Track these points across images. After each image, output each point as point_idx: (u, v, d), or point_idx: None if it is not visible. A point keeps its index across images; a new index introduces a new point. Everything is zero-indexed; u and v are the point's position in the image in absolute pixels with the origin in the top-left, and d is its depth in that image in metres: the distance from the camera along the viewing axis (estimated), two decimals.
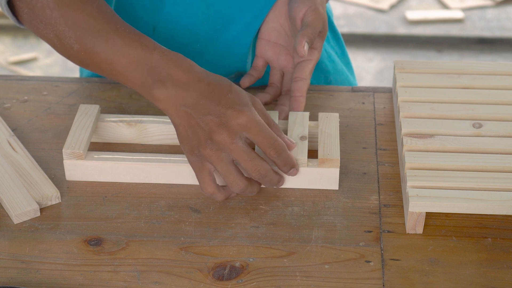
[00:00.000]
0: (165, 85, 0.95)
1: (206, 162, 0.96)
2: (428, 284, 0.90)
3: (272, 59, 1.16)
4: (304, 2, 1.09)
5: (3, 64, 3.14)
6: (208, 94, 0.95)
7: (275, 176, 0.98)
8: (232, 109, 0.94)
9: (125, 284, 0.90)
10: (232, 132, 0.94)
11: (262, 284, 0.90)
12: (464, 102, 1.09)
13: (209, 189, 0.97)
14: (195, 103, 0.95)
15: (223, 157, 0.95)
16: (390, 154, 1.08)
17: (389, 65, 3.17)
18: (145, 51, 0.96)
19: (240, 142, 0.95)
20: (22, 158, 1.05)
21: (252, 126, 0.95)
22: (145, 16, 1.15)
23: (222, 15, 1.16)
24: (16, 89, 1.19)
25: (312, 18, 1.08)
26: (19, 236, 0.96)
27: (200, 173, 0.97)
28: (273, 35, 1.16)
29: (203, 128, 0.95)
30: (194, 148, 0.96)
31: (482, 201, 0.94)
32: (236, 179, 0.96)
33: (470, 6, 3.52)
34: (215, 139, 0.94)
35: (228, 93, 0.95)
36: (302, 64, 1.11)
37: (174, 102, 0.95)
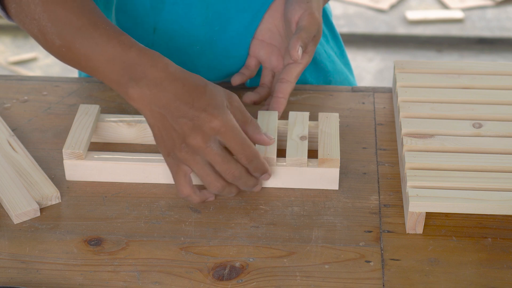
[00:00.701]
0: (139, 84, 0.95)
1: (182, 164, 0.96)
2: (428, 284, 0.90)
3: (264, 59, 1.16)
4: (300, 5, 1.09)
5: (3, 64, 3.15)
6: (182, 95, 0.94)
7: (251, 179, 0.98)
8: (206, 112, 0.94)
9: (125, 284, 0.90)
10: (206, 136, 0.94)
11: (262, 284, 0.90)
12: (464, 102, 1.09)
13: (185, 191, 0.97)
14: (169, 105, 0.94)
15: (199, 160, 0.95)
16: (390, 154, 1.08)
17: (389, 65, 3.17)
18: (122, 49, 0.97)
19: (214, 146, 0.94)
20: (22, 158, 1.05)
21: (225, 131, 0.94)
22: (146, 17, 1.16)
23: (220, 16, 1.16)
24: (16, 89, 1.19)
25: (307, 22, 1.07)
26: (19, 236, 0.96)
27: (176, 175, 0.97)
28: (267, 35, 1.16)
29: (177, 131, 0.94)
30: (169, 150, 0.96)
31: (482, 201, 0.94)
32: (213, 181, 0.96)
33: (470, 6, 3.52)
34: (189, 143, 0.94)
35: (202, 94, 0.94)
36: (290, 67, 1.10)
37: (148, 102, 0.95)
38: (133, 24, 1.16)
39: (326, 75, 1.28)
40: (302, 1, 1.09)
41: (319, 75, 1.27)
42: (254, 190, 1.00)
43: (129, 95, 0.96)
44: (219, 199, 1.01)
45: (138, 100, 0.95)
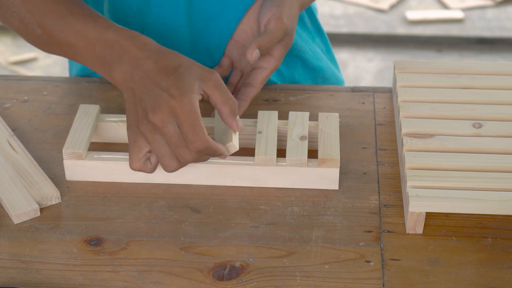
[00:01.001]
0: (120, 64, 0.97)
1: (141, 139, 0.96)
2: (428, 284, 0.90)
3: (236, 60, 1.16)
4: (270, 9, 1.08)
5: (3, 64, 3.15)
6: (152, 73, 0.95)
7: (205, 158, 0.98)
8: (167, 93, 0.94)
9: (125, 284, 0.90)
10: (164, 115, 0.94)
11: (262, 284, 0.90)
12: (464, 102, 1.09)
13: (134, 165, 0.98)
14: (139, 81, 0.96)
15: (157, 138, 0.95)
16: (390, 154, 1.08)
17: (389, 65, 3.17)
18: (99, 31, 0.98)
19: (171, 127, 0.94)
20: (22, 158, 1.05)
21: (180, 113, 0.93)
22: (134, 18, 1.16)
23: (202, 13, 1.16)
24: (16, 89, 1.19)
25: (273, 26, 1.06)
26: (19, 236, 0.96)
27: (131, 148, 0.97)
28: (241, 37, 1.16)
29: (141, 106, 0.95)
30: (133, 123, 0.96)
31: (482, 201, 0.94)
32: (167, 161, 0.96)
33: (470, 6, 3.52)
34: (149, 119, 0.94)
35: (171, 74, 0.95)
36: (256, 71, 1.10)
37: (125, 79, 0.97)
38: (122, 24, 1.16)
39: (314, 72, 1.28)
40: (273, 4, 1.08)
41: (306, 73, 1.27)
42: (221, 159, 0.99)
43: (112, 76, 0.98)
44: (219, 199, 1.01)
45: (119, 79, 0.97)
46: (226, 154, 0.98)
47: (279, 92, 1.19)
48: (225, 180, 1.03)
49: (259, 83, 1.10)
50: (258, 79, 1.10)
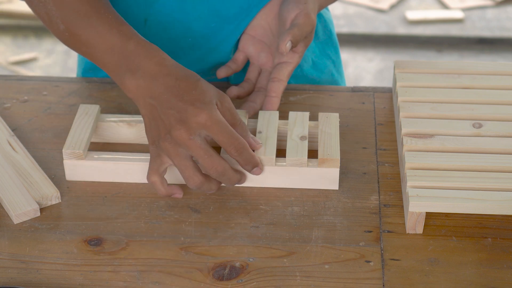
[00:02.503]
0: (135, 76, 0.97)
1: (164, 154, 0.97)
2: (428, 284, 0.90)
3: (253, 55, 1.16)
4: (297, 5, 1.09)
5: (3, 64, 3.14)
6: (173, 88, 0.96)
7: (235, 175, 0.98)
8: (194, 106, 0.95)
9: (125, 284, 0.90)
10: (191, 129, 0.95)
11: (262, 284, 0.90)
12: (464, 102, 1.09)
13: (152, 178, 0.98)
14: (160, 96, 0.96)
15: (181, 152, 0.96)
16: (390, 154, 1.08)
17: (389, 65, 3.17)
18: (122, 39, 0.99)
19: (198, 139, 0.95)
20: (22, 158, 1.05)
21: (211, 124, 0.95)
22: (136, 8, 1.16)
23: (218, 14, 1.16)
24: (16, 89, 1.19)
25: (302, 21, 1.07)
26: (19, 236, 0.96)
27: (152, 161, 0.98)
28: (258, 32, 1.16)
29: (164, 121, 0.96)
30: (155, 139, 0.97)
31: (482, 201, 0.94)
32: (191, 175, 0.96)
33: (470, 6, 3.52)
34: (173, 134, 0.95)
35: (193, 89, 0.96)
36: (281, 66, 1.11)
37: (142, 93, 0.97)
38: (123, 15, 1.16)
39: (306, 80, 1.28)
40: (299, 1, 1.09)
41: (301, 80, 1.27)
42: (240, 184, 1.01)
43: (125, 85, 0.98)
44: (219, 199, 1.01)
45: (133, 91, 0.98)
46: (261, 165, 0.99)
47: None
48: None
49: (286, 76, 1.11)
50: (285, 73, 1.10)
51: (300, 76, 1.24)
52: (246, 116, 1.07)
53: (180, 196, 1.00)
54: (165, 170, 0.98)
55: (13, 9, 3.31)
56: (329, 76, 1.29)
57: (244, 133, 1.00)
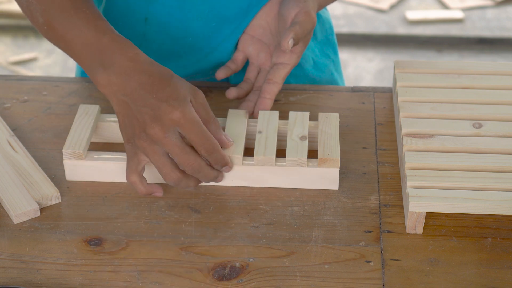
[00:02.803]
0: (107, 71, 0.97)
1: (140, 152, 0.97)
2: (428, 284, 0.90)
3: (252, 55, 1.16)
4: (297, 4, 1.09)
5: (3, 64, 3.15)
6: (146, 85, 0.96)
7: (211, 172, 0.98)
8: (167, 104, 0.95)
9: (125, 284, 0.90)
10: (165, 127, 0.95)
11: (262, 284, 0.90)
12: (464, 102, 1.09)
13: (131, 178, 0.98)
14: (133, 93, 0.96)
15: (157, 150, 0.96)
16: (390, 154, 1.08)
17: (389, 65, 3.17)
18: (97, 34, 0.99)
19: (173, 137, 0.95)
20: (22, 158, 1.05)
21: (184, 123, 0.95)
22: (138, 6, 1.16)
23: (219, 14, 1.16)
24: (16, 89, 1.19)
25: (303, 19, 1.07)
26: (19, 236, 0.96)
27: (130, 161, 0.98)
28: (258, 32, 1.16)
29: (138, 119, 0.96)
30: (130, 137, 0.97)
31: (482, 201, 0.94)
32: (169, 171, 0.97)
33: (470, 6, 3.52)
34: (148, 132, 0.95)
35: (167, 86, 0.96)
36: (278, 67, 1.11)
37: (114, 89, 0.97)
38: (124, 13, 1.17)
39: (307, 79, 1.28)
40: (299, 0, 1.09)
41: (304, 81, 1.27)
42: (217, 182, 1.01)
43: (97, 80, 0.98)
44: (219, 199, 1.01)
45: (105, 86, 0.98)
46: (231, 164, 0.99)
47: (279, 92, 1.19)
48: (225, 180, 1.03)
49: (282, 79, 1.11)
50: (281, 75, 1.11)
51: (300, 75, 1.24)
52: (246, 116, 1.07)
53: (160, 195, 1.00)
54: (143, 168, 0.98)
55: (13, 9, 3.31)
56: (329, 75, 1.29)
57: (216, 130, 1.00)
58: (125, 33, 1.16)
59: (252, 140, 1.07)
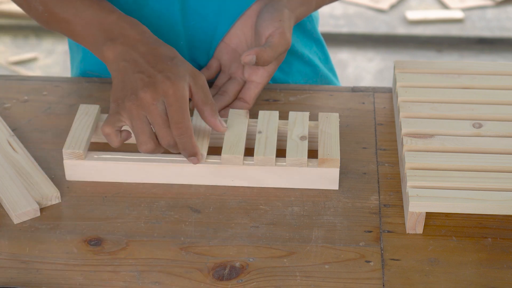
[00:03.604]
0: (115, 42, 1.00)
1: (124, 113, 0.98)
2: (428, 284, 0.90)
3: (225, 64, 1.16)
4: (272, 23, 1.08)
5: (3, 64, 3.15)
6: (149, 56, 0.99)
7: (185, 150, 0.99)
8: (163, 74, 0.97)
9: (125, 284, 0.90)
10: (156, 94, 0.96)
11: (262, 284, 0.90)
12: (464, 102, 1.09)
13: (107, 129, 0.99)
14: (135, 60, 0.99)
15: (141, 116, 0.97)
16: (390, 154, 1.08)
17: (389, 65, 3.17)
18: (103, 13, 1.02)
19: (160, 107, 0.96)
20: (22, 158, 1.05)
21: (171, 95, 0.96)
22: (129, 12, 1.16)
23: (195, 12, 1.16)
24: (16, 89, 1.19)
25: (277, 41, 1.06)
26: (19, 236, 0.96)
27: (110, 116, 0.99)
28: (233, 41, 1.16)
29: (132, 83, 0.98)
30: (119, 98, 0.98)
31: (482, 201, 0.94)
32: (146, 139, 0.98)
33: (470, 6, 3.52)
34: (139, 95, 0.97)
35: (168, 61, 0.99)
36: (250, 87, 1.11)
37: (117, 57, 1.00)
38: None
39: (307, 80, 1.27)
40: (275, 18, 1.08)
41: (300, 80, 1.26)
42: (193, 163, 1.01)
43: (103, 53, 1.01)
44: (219, 199, 1.01)
45: (110, 56, 1.00)
46: (200, 157, 1.00)
47: (279, 92, 1.19)
48: (225, 180, 1.03)
49: (252, 99, 1.12)
50: (251, 95, 1.11)
51: (288, 71, 1.25)
52: (247, 116, 1.07)
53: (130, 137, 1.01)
54: (120, 127, 0.99)
55: (13, 9, 3.31)
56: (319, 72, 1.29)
57: (212, 113, 1.01)
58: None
59: (252, 140, 1.07)
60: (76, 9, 1.03)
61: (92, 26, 1.02)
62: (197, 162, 1.00)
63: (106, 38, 1.01)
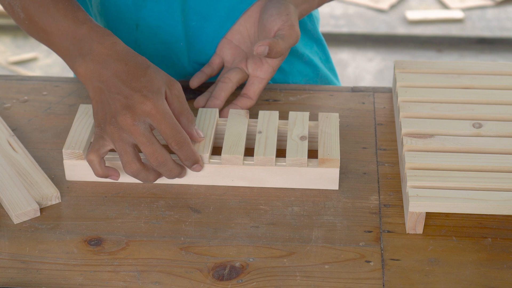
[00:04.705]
0: (85, 59, 0.99)
1: (107, 137, 0.97)
2: (428, 284, 0.90)
3: (228, 60, 1.17)
4: (279, 17, 1.08)
5: (3, 64, 3.15)
6: (122, 74, 0.97)
7: (176, 167, 0.98)
8: (140, 94, 0.96)
9: (125, 284, 0.90)
10: (135, 116, 0.95)
11: (262, 284, 0.90)
12: (464, 102, 1.09)
13: (90, 156, 0.98)
14: (108, 80, 0.97)
15: (124, 137, 0.96)
16: (390, 154, 1.08)
17: (389, 65, 3.17)
18: (75, 24, 1.01)
19: (141, 126, 0.95)
20: (22, 158, 1.05)
21: (155, 113, 0.95)
22: (128, 13, 1.16)
23: (197, 13, 1.16)
24: (16, 89, 1.19)
25: (287, 33, 1.07)
26: (19, 236, 0.96)
27: (95, 141, 0.98)
28: (236, 37, 1.16)
29: (110, 106, 0.97)
30: (100, 122, 0.98)
31: (482, 201, 0.94)
32: (129, 160, 0.97)
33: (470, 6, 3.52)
34: (118, 119, 0.96)
35: (142, 76, 0.97)
36: (253, 83, 1.11)
37: (91, 76, 0.98)
38: (116, 21, 1.17)
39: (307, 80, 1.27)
40: (282, 12, 1.08)
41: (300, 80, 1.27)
42: (180, 177, 1.01)
43: (76, 69, 1.00)
44: (219, 199, 1.01)
45: (83, 74, 0.99)
46: (201, 163, 1.00)
47: (279, 92, 1.19)
48: (225, 180, 1.03)
49: (256, 94, 1.12)
50: (256, 90, 1.12)
51: (289, 72, 1.25)
52: (247, 116, 1.07)
53: (117, 179, 1.00)
54: (106, 152, 0.98)
55: None
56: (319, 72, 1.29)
57: (188, 123, 1.00)
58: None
59: (252, 140, 1.07)
60: (53, 19, 1.02)
61: (66, 38, 1.01)
62: (200, 169, 1.00)
63: (77, 53, 1.00)
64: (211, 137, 1.04)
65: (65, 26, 1.01)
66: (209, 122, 1.06)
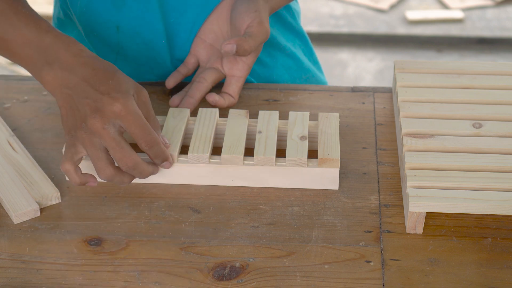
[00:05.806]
0: (52, 67, 0.98)
1: (79, 144, 0.96)
2: (428, 284, 0.90)
3: (203, 59, 1.17)
4: (248, 14, 1.08)
5: (3, 64, 3.14)
6: (90, 78, 0.96)
7: (146, 168, 0.98)
8: (109, 96, 0.95)
9: (125, 284, 0.90)
10: (105, 118, 0.94)
11: (262, 284, 0.90)
12: (464, 102, 1.09)
13: (65, 166, 0.97)
14: (76, 86, 0.96)
15: (95, 142, 0.95)
16: (390, 154, 1.08)
17: (389, 65, 3.17)
18: (39, 33, 0.99)
19: (111, 130, 0.95)
20: (22, 158, 1.05)
21: (126, 115, 0.95)
22: (108, 15, 1.16)
23: (174, 9, 1.16)
24: (16, 89, 1.19)
25: (256, 31, 1.07)
26: (19, 236, 0.96)
27: (67, 150, 0.97)
28: (210, 36, 1.16)
29: (80, 111, 0.96)
30: (71, 129, 0.97)
31: (482, 201, 0.94)
32: (103, 166, 0.96)
33: (470, 6, 3.52)
34: (88, 123, 0.95)
35: (110, 79, 0.96)
36: (232, 82, 1.12)
37: (59, 84, 0.97)
38: (96, 26, 1.17)
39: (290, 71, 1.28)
40: (250, 9, 1.09)
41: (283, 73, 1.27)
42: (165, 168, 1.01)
43: (42, 78, 0.98)
44: (219, 199, 1.01)
45: (50, 82, 0.98)
46: (171, 160, 1.00)
47: (279, 92, 1.19)
48: (225, 180, 1.03)
49: (237, 93, 1.13)
50: (235, 89, 1.13)
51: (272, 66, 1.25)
52: (247, 116, 1.07)
53: (95, 184, 0.99)
54: (80, 159, 0.97)
55: None
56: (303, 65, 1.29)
57: (155, 130, 0.99)
58: (100, 45, 1.17)
59: (252, 140, 1.07)
60: (13, 27, 1.00)
61: (30, 47, 1.00)
62: (170, 166, 1.00)
63: (43, 62, 0.98)
64: (211, 137, 1.04)
65: (27, 35, 1.00)
66: (209, 122, 1.06)
